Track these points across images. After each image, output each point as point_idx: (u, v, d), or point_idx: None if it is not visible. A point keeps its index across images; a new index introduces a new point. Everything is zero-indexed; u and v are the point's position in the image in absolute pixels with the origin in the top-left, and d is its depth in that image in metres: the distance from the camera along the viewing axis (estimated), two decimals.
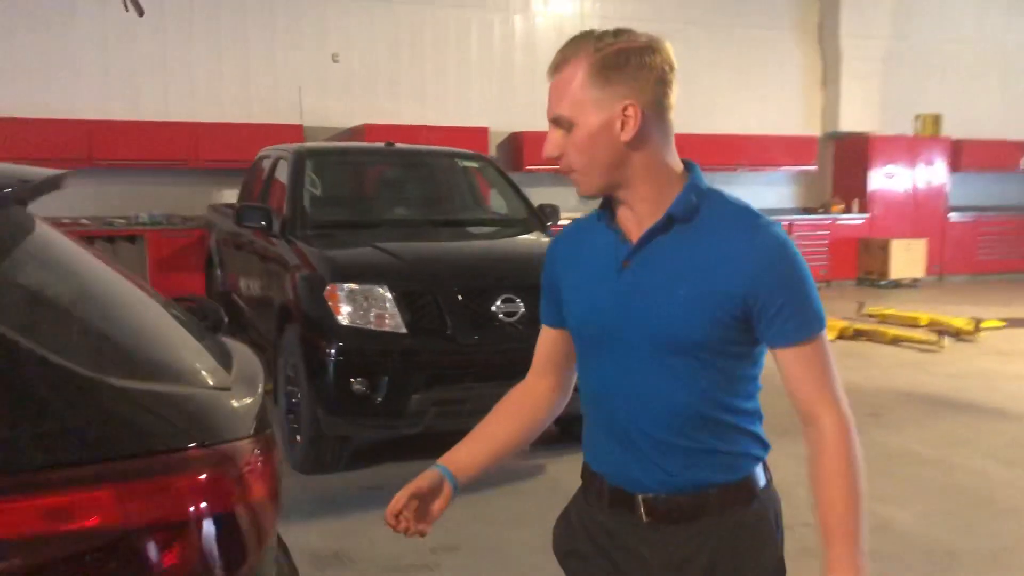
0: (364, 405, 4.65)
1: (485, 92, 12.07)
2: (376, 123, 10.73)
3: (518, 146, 12.08)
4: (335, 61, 11.29)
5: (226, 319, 2.16)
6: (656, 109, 1.54)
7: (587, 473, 1.75)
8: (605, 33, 1.54)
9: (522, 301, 4.87)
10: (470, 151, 7.01)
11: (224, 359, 1.88)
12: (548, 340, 1.83)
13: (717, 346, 1.55)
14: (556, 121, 1.57)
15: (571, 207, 12.69)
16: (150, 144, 10.19)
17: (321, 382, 4.69)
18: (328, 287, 4.82)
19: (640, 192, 1.58)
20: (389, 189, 6.90)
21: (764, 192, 13.81)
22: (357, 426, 4.81)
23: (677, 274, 1.56)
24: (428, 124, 11.03)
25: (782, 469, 1.82)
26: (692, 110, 13.06)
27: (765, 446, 1.68)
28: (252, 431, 1.59)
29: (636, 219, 1.61)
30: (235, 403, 1.63)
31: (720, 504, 1.61)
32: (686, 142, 1.63)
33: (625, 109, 1.52)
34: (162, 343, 1.81)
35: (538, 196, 12.29)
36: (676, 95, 1.57)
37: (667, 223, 1.57)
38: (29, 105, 9.95)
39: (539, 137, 8.47)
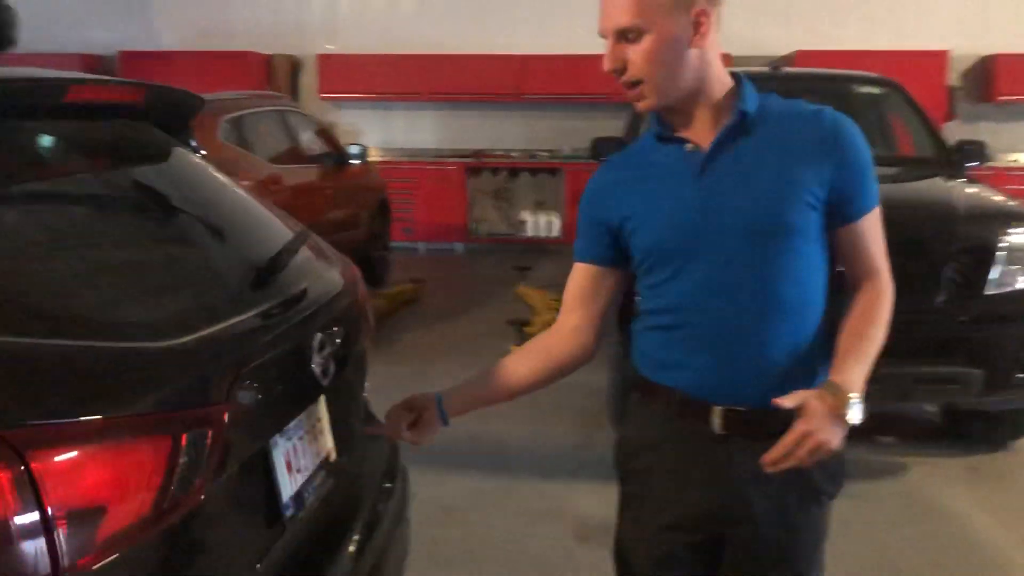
0: None
1: (951, 10, 10.22)
2: (811, 49, 9.65)
3: (990, 72, 10.12)
4: None
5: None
6: (716, 13, 1.59)
7: (648, 388, 1.75)
8: None
9: None
10: (874, 75, 5.84)
11: (225, 310, 1.57)
12: (581, 277, 1.80)
13: (806, 230, 1.62)
14: (621, 33, 1.57)
15: None
16: (574, 78, 10.26)
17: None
18: None
19: (708, 96, 1.63)
20: None
21: None
22: None
23: (761, 166, 1.62)
24: (872, 48, 9.65)
25: None
26: None
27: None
28: (110, 411, 1.23)
29: (703, 126, 1.64)
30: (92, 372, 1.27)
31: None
32: None
33: (699, 13, 1.56)
34: (149, 285, 1.54)
35: (1013, 132, 10.38)
36: None
37: (741, 121, 1.63)
38: (469, 43, 10.58)
39: (1019, 61, 6.94)
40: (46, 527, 1.11)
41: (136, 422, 1.24)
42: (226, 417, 1.41)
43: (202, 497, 1.36)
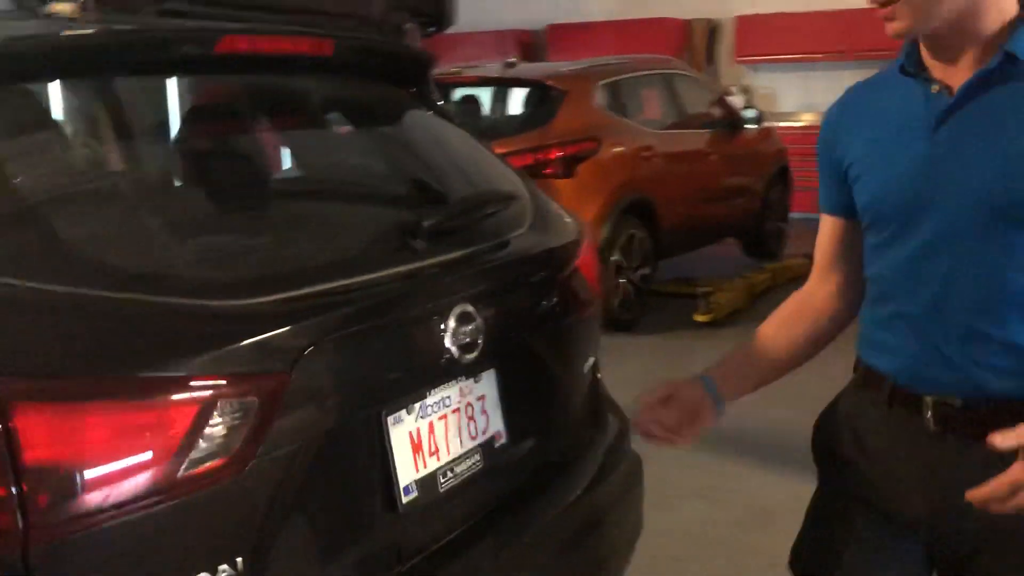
0: None
1: None
2: None
3: None
4: None
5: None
6: None
7: (863, 369, 1.54)
8: None
9: None
10: None
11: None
12: (830, 231, 1.60)
13: None
14: None
15: None
16: None
17: None
18: None
19: (977, 28, 1.32)
20: None
21: None
22: None
23: (1017, 126, 1.31)
24: None
25: None
26: None
27: None
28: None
29: (961, 64, 1.35)
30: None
31: None
32: None
33: None
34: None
35: None
36: None
37: (1005, 65, 1.31)
38: None
39: None
40: (19, 486, 1.07)
41: (149, 384, 1.18)
42: (286, 386, 1.30)
43: (246, 468, 1.26)
